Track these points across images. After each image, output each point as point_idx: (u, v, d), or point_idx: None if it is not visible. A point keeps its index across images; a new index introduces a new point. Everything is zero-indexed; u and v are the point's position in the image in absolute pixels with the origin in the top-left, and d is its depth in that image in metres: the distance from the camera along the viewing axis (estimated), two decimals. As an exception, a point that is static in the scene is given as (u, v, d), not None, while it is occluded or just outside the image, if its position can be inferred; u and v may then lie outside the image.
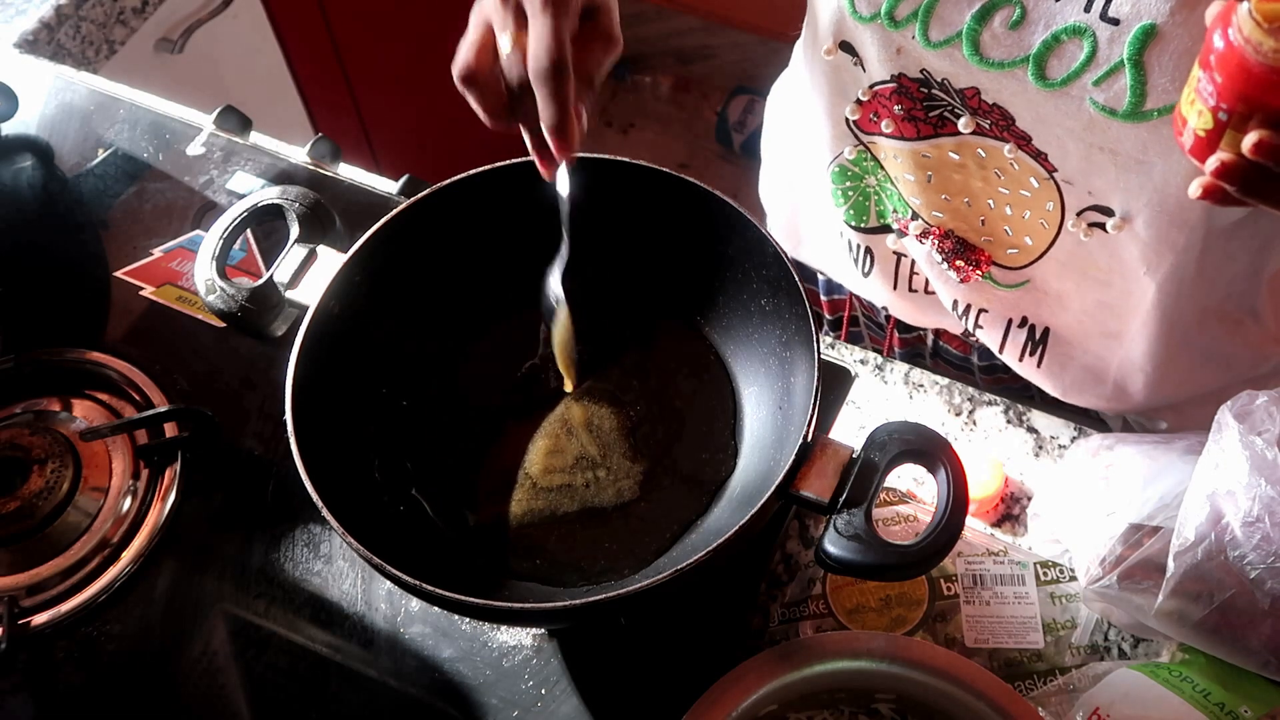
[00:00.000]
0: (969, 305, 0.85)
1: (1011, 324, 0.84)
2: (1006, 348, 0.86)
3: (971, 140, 0.72)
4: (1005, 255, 0.79)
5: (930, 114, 0.73)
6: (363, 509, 0.66)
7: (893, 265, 0.87)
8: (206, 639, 0.74)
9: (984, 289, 0.82)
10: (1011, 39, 0.64)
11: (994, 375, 0.95)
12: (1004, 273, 0.80)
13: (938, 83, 0.70)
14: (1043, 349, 0.84)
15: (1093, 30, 0.61)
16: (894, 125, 0.75)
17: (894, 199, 0.81)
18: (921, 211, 0.80)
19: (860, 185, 0.83)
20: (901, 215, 0.81)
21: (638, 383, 0.76)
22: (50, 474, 0.78)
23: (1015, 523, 0.79)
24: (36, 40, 1.12)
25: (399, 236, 0.72)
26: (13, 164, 0.99)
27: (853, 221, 0.86)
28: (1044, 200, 0.73)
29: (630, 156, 0.72)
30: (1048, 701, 0.69)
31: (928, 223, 0.80)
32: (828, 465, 0.61)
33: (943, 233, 0.80)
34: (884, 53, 0.71)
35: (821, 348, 0.65)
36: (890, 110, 0.75)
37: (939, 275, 0.84)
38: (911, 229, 0.81)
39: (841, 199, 0.85)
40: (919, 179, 0.78)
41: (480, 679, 0.72)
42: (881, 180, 0.81)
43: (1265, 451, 0.63)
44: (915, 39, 0.67)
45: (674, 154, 2.34)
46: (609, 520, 0.71)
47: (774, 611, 0.75)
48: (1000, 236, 0.78)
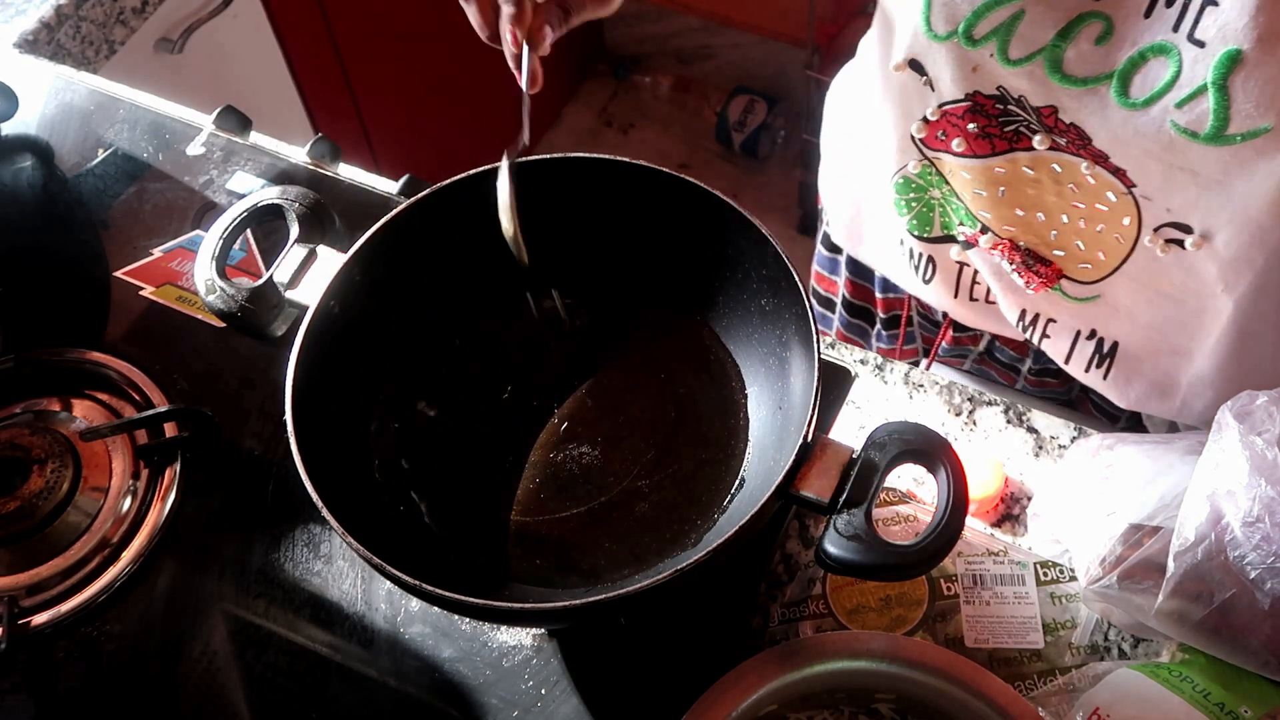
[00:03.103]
0: (1037, 315, 0.84)
1: (1080, 336, 0.83)
2: (1073, 359, 0.85)
3: (1047, 155, 0.71)
4: (1077, 269, 0.78)
5: (1005, 129, 0.72)
6: (363, 509, 0.66)
7: (954, 275, 0.87)
8: (206, 639, 0.74)
9: (1054, 300, 0.81)
10: (1096, 55, 0.63)
11: (1041, 379, 0.94)
12: (1075, 286, 0.79)
13: (1014, 100, 0.69)
14: (1110, 362, 0.83)
15: (1179, 50, 0.60)
16: (965, 144, 0.74)
17: (960, 213, 0.81)
18: (992, 225, 0.79)
19: (924, 197, 0.82)
20: (970, 229, 0.81)
21: (637, 383, 0.76)
22: (50, 474, 0.78)
23: (1015, 523, 0.79)
24: (36, 40, 1.12)
25: (399, 236, 0.72)
26: (13, 164, 0.99)
27: (916, 231, 0.85)
28: (1120, 215, 0.72)
29: (630, 156, 0.73)
30: (1048, 701, 0.69)
31: (998, 236, 0.79)
32: (828, 465, 0.61)
33: (1013, 245, 0.79)
34: (958, 71, 0.70)
35: (821, 348, 0.65)
36: (962, 129, 0.74)
37: (1006, 286, 0.83)
38: (981, 242, 0.80)
39: (905, 209, 0.84)
40: (990, 194, 0.77)
41: (480, 679, 0.72)
42: (946, 194, 0.80)
43: (1265, 451, 0.63)
44: (993, 57, 0.67)
45: (674, 154, 2.34)
46: (609, 520, 0.71)
47: (774, 611, 0.75)
48: (1073, 250, 0.77)
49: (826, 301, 1.09)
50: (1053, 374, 0.93)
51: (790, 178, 2.25)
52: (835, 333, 1.10)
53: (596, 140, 2.38)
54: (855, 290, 1.04)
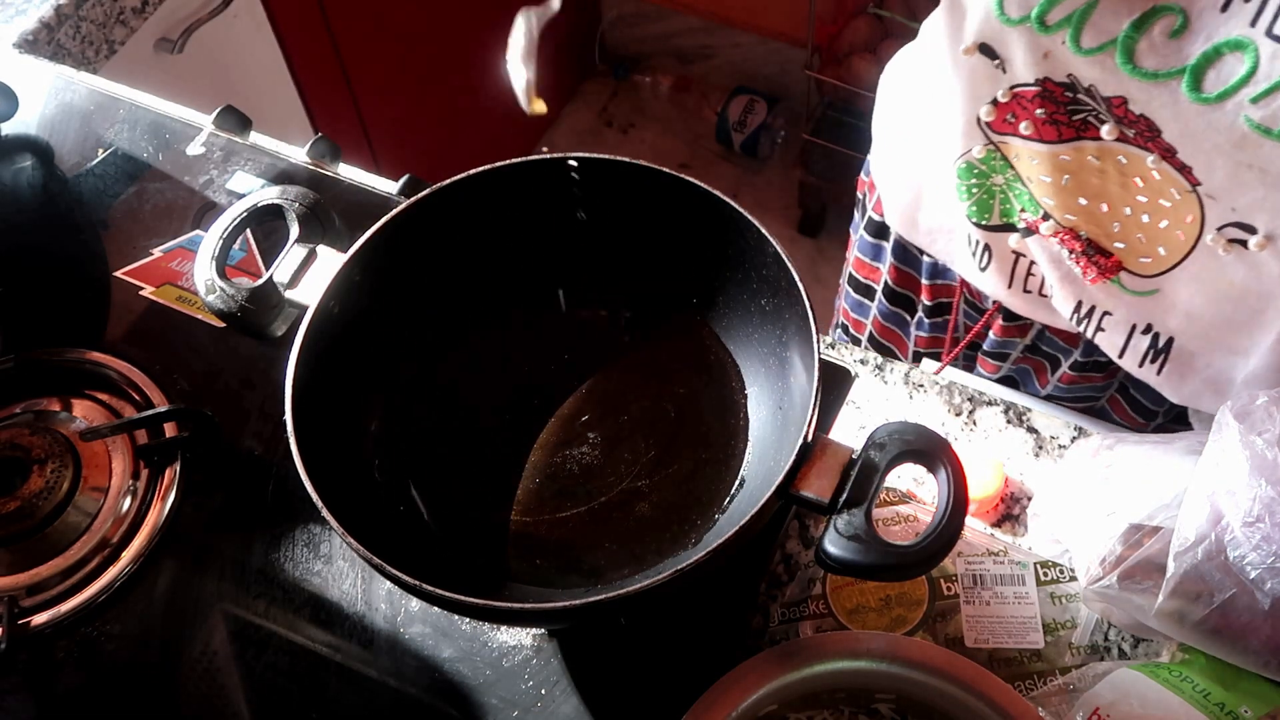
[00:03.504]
0: (1093, 308, 0.83)
1: (1135, 330, 0.82)
2: (1127, 353, 0.84)
3: (1114, 146, 0.71)
4: (1137, 263, 0.78)
5: (1073, 118, 0.72)
6: (363, 509, 0.66)
7: (1010, 265, 0.86)
8: (206, 639, 0.74)
9: (1111, 293, 0.81)
10: (1170, 48, 0.63)
11: (1084, 373, 0.94)
12: (1134, 279, 0.79)
13: (1084, 88, 0.69)
14: (1165, 358, 0.82)
15: (1255, 45, 0.59)
16: (1033, 128, 0.74)
17: (1023, 199, 0.80)
18: (1054, 213, 0.79)
19: (986, 183, 0.82)
20: (1031, 215, 0.80)
21: (637, 383, 0.76)
22: (50, 474, 0.78)
23: (1015, 523, 0.79)
24: (36, 40, 1.12)
25: (399, 236, 0.72)
26: (13, 164, 0.99)
27: (975, 218, 0.85)
28: (1184, 213, 0.71)
29: (630, 156, 0.72)
30: (1048, 701, 0.69)
31: (1060, 224, 0.79)
32: (828, 465, 0.61)
33: (1074, 234, 0.79)
34: (1030, 56, 0.70)
35: (821, 348, 0.65)
36: (1030, 113, 0.74)
37: (1063, 276, 0.83)
38: (1043, 229, 0.80)
39: (966, 195, 0.84)
40: (1055, 181, 0.77)
41: (480, 679, 0.72)
42: (1010, 180, 0.80)
43: (1265, 451, 0.63)
44: (1065, 44, 0.67)
45: (674, 154, 2.34)
46: (609, 520, 0.71)
47: (774, 611, 0.75)
48: (1134, 244, 0.77)
49: (865, 289, 1.08)
50: (1097, 368, 0.92)
51: (790, 178, 2.25)
52: (872, 322, 1.09)
53: (596, 140, 2.38)
54: (899, 277, 1.02)
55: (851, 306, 1.11)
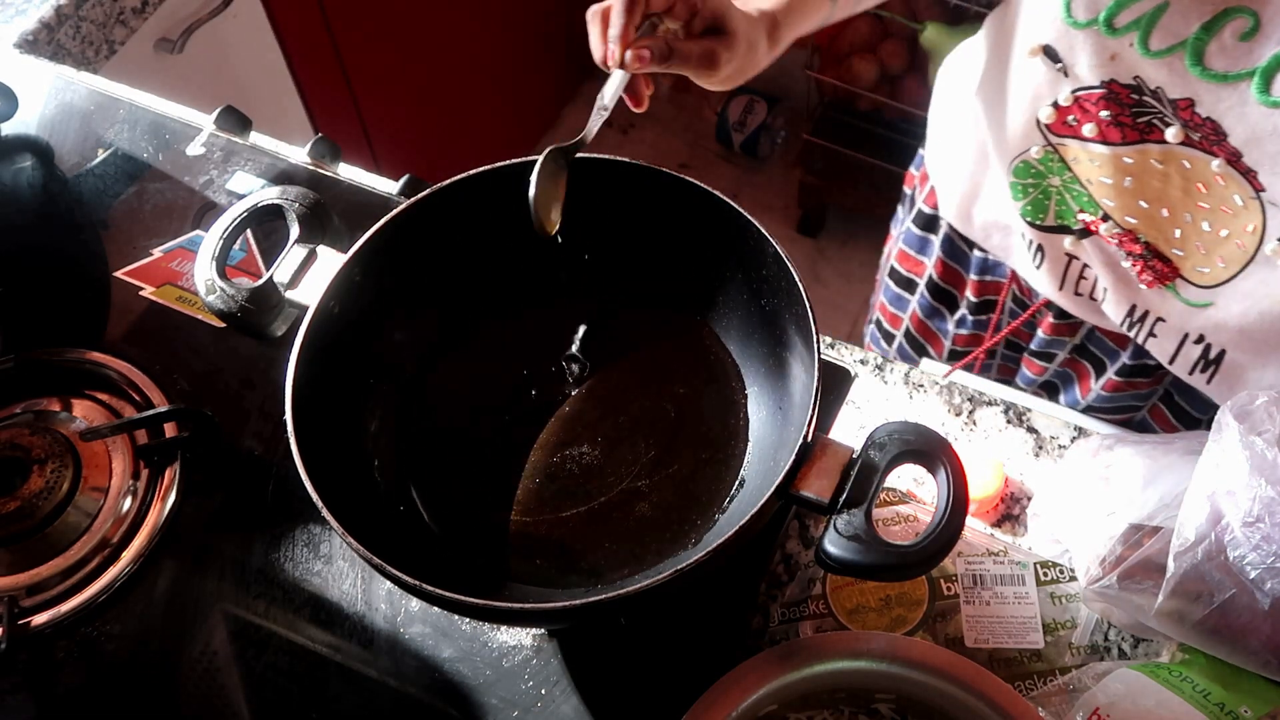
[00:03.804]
0: (1146, 313, 0.83)
1: (1187, 339, 0.82)
2: (1177, 360, 0.84)
3: (1178, 150, 0.71)
4: (1194, 272, 0.77)
5: (1138, 120, 0.72)
6: (363, 509, 0.66)
7: (1063, 266, 0.86)
8: (206, 639, 0.74)
9: (1165, 299, 0.81)
10: (1240, 50, 0.63)
11: (1130, 378, 0.93)
12: (1190, 289, 0.79)
13: (1150, 90, 0.69)
14: (1216, 369, 0.82)
15: None
16: (1097, 130, 0.74)
17: (1082, 200, 0.80)
18: (1115, 214, 0.79)
19: (1042, 184, 0.82)
20: (1090, 215, 0.80)
21: (638, 383, 0.76)
22: (50, 474, 0.78)
23: (1015, 523, 0.79)
24: (36, 40, 1.12)
25: (399, 236, 0.72)
26: (13, 164, 0.99)
27: (1029, 218, 0.85)
28: (1245, 221, 0.71)
29: (630, 156, 0.73)
30: (1048, 701, 0.69)
31: (1119, 226, 0.79)
32: (828, 465, 0.61)
33: (1133, 238, 0.79)
34: (1096, 58, 0.70)
35: (821, 348, 0.65)
36: (1094, 115, 0.74)
37: (1118, 279, 0.83)
38: (1102, 229, 0.80)
39: (1021, 194, 0.84)
40: (1116, 183, 0.77)
41: (480, 679, 0.72)
42: (1067, 181, 0.80)
43: (1265, 451, 0.63)
44: (1133, 46, 0.67)
45: (674, 154, 2.34)
46: (609, 520, 0.71)
47: (774, 611, 0.75)
48: (1193, 252, 0.76)
49: (907, 283, 1.07)
50: (1144, 373, 0.92)
51: (790, 178, 2.25)
52: (910, 316, 1.09)
53: (596, 140, 2.38)
54: (945, 272, 1.02)
55: (890, 300, 1.11)
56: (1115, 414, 0.97)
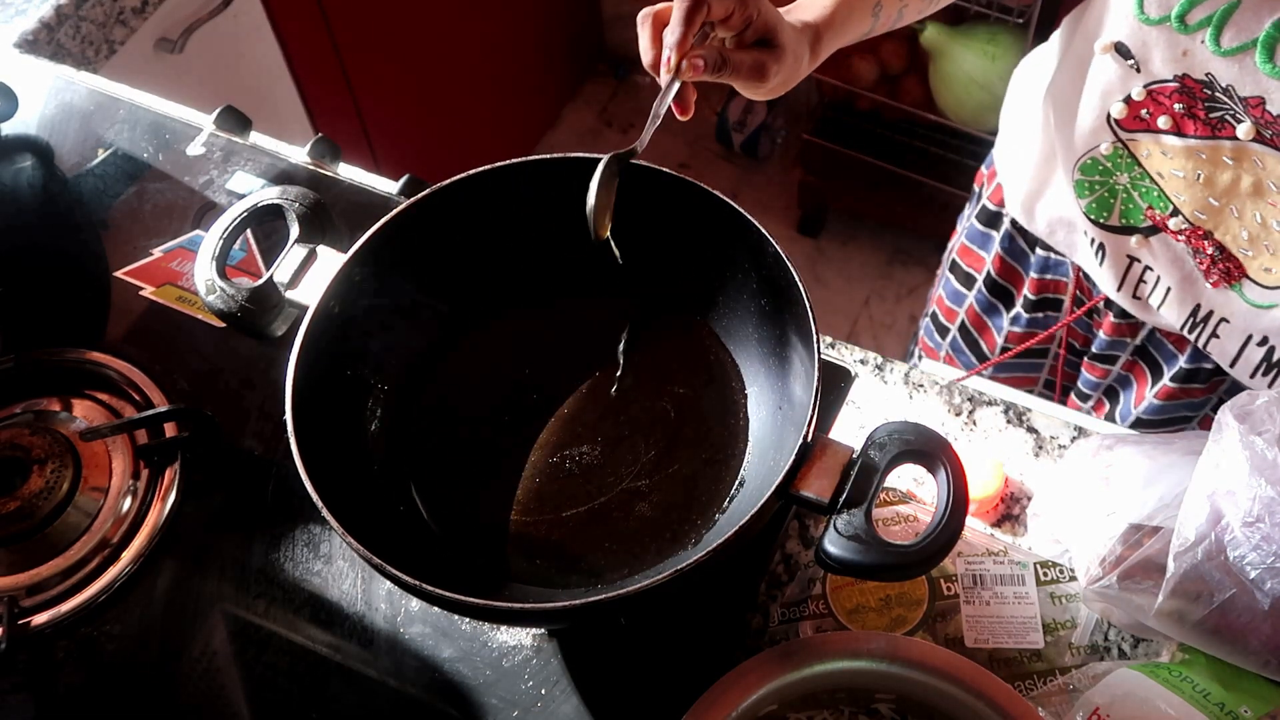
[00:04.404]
0: (1210, 313, 0.83)
1: (1250, 340, 0.82)
2: (1239, 363, 0.84)
3: (1251, 147, 0.72)
4: (1262, 272, 0.77)
5: (1210, 115, 0.72)
6: (363, 509, 0.66)
7: (1124, 267, 0.86)
8: (206, 639, 0.74)
9: (1230, 300, 0.81)
10: None
11: (1186, 384, 0.93)
12: (1255, 289, 0.79)
13: (1221, 88, 0.69)
14: (1278, 373, 0.82)
15: None
16: (1172, 122, 0.74)
17: (1151, 195, 0.80)
18: (1184, 209, 0.79)
19: (1109, 182, 0.82)
20: (1160, 211, 0.80)
21: (638, 383, 0.76)
22: (50, 474, 0.78)
23: (1015, 523, 0.79)
24: (36, 40, 1.12)
25: (399, 236, 0.72)
26: (13, 164, 0.99)
27: (1093, 216, 0.85)
28: None
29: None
30: (1048, 701, 0.69)
31: (1189, 222, 0.79)
32: (828, 465, 0.61)
33: (1202, 233, 0.79)
34: (1169, 54, 0.71)
35: (821, 348, 0.65)
36: (1169, 107, 0.74)
37: (1183, 278, 0.82)
38: (1171, 224, 0.80)
39: (1086, 191, 0.84)
40: (1188, 176, 0.77)
41: (480, 679, 0.72)
42: (1135, 178, 0.80)
43: (1265, 451, 0.63)
44: (1205, 43, 0.67)
45: (674, 154, 2.34)
46: (609, 520, 0.71)
47: (774, 611, 0.75)
48: (1261, 251, 0.76)
49: (967, 277, 1.08)
50: (1201, 378, 0.91)
51: (790, 178, 2.25)
52: (966, 310, 1.09)
53: (596, 140, 2.38)
54: (1002, 268, 1.02)
55: (949, 295, 1.11)
56: (1165, 427, 0.97)
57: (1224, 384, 0.91)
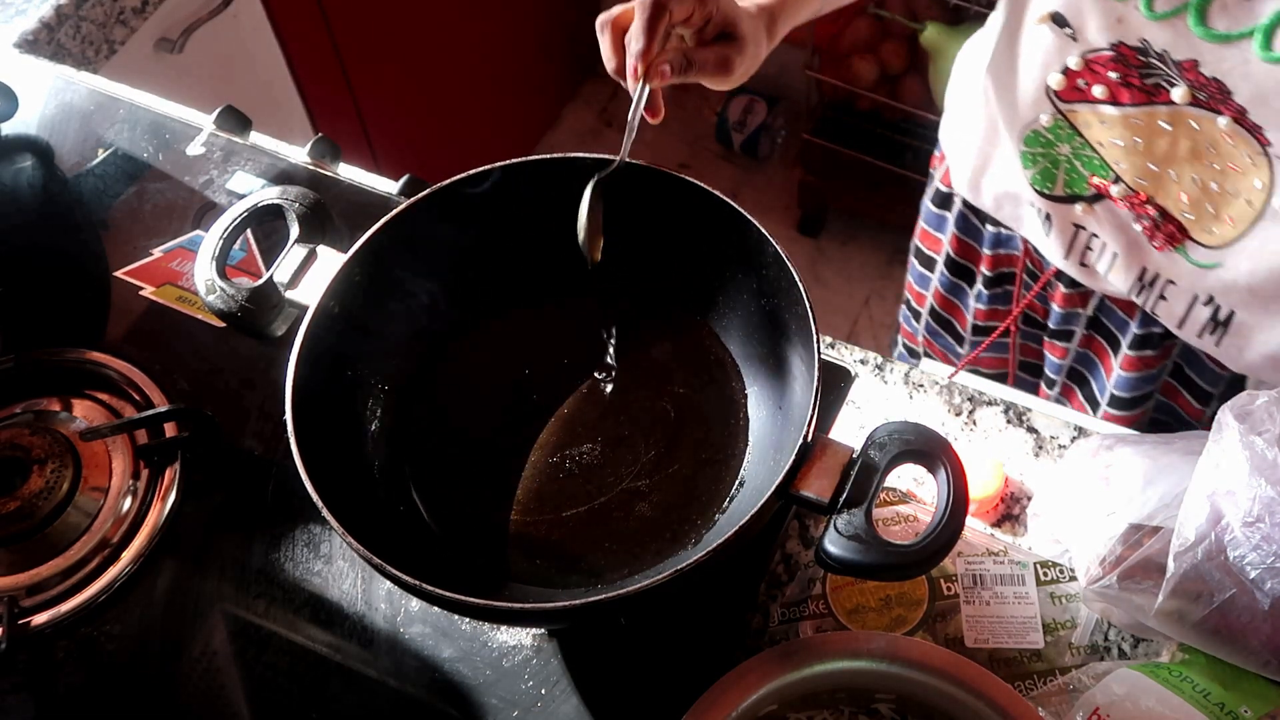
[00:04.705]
0: (1156, 276, 0.84)
1: (1197, 301, 0.83)
2: (1186, 324, 0.85)
3: (1186, 111, 0.73)
4: (1204, 232, 0.79)
5: (1146, 81, 0.73)
6: (363, 509, 0.66)
7: (1070, 236, 0.88)
8: (206, 639, 0.74)
9: (1175, 262, 0.82)
10: (1242, 9, 0.65)
11: (1142, 351, 0.94)
12: (1199, 250, 0.80)
13: (1156, 53, 0.70)
14: (1224, 330, 0.83)
15: None
16: (1108, 91, 0.76)
17: (1093, 164, 0.81)
18: (1125, 176, 0.80)
19: (1051, 153, 0.83)
20: (1102, 179, 0.81)
21: (638, 383, 0.76)
22: (50, 474, 0.78)
23: (1015, 523, 0.79)
24: (36, 40, 1.12)
25: (399, 236, 0.72)
26: (13, 164, 0.99)
27: (1039, 187, 0.86)
28: (1253, 178, 0.73)
29: (630, 157, 0.73)
30: (1048, 701, 0.69)
31: (1131, 188, 0.80)
32: (828, 465, 0.61)
33: (1144, 199, 0.80)
34: (1104, 21, 0.71)
35: (821, 348, 0.65)
36: (1104, 76, 0.75)
37: (1129, 244, 0.84)
38: (1113, 191, 0.81)
39: (1030, 163, 0.86)
40: (1127, 144, 0.78)
41: (480, 679, 0.72)
42: (1077, 148, 0.81)
43: (1265, 451, 0.63)
44: (1139, 9, 0.68)
45: (674, 154, 2.34)
46: (609, 520, 0.71)
47: (774, 611, 0.75)
48: (1202, 213, 0.78)
49: (928, 260, 1.09)
50: (1153, 343, 0.93)
51: (790, 178, 2.25)
52: (933, 294, 1.11)
53: (596, 140, 2.38)
54: (960, 247, 1.04)
55: (915, 279, 1.13)
56: (1135, 406, 0.98)
57: (1175, 348, 0.93)
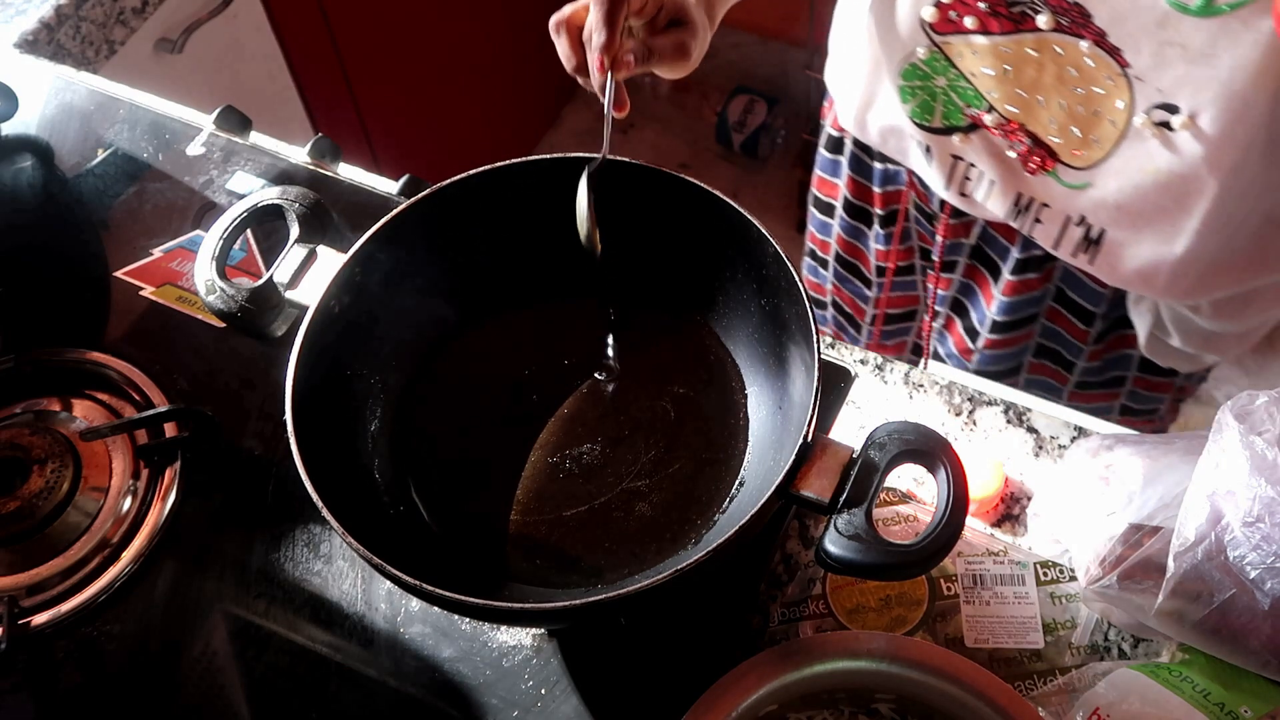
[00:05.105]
0: (1031, 200, 0.87)
1: (1070, 221, 0.86)
2: (1062, 244, 0.88)
3: (1050, 37, 0.75)
4: (1072, 155, 0.82)
5: (1012, 9, 0.76)
6: (363, 509, 0.66)
7: (949, 166, 0.90)
8: (206, 639, 0.74)
9: (1048, 185, 0.85)
10: None
11: (1023, 275, 0.97)
12: (1069, 172, 0.83)
13: None
14: (1097, 248, 0.86)
15: None
16: (978, 21, 0.78)
17: (968, 95, 0.84)
18: (997, 105, 0.83)
19: (929, 85, 0.86)
20: (977, 109, 0.84)
21: (638, 383, 0.76)
22: (50, 474, 0.78)
23: (1015, 523, 0.79)
24: (36, 40, 1.12)
25: (399, 236, 0.72)
26: (13, 164, 0.99)
27: (918, 119, 0.89)
28: (1114, 98, 0.75)
29: (630, 156, 0.73)
30: (1048, 701, 0.69)
31: (1003, 116, 0.83)
32: (828, 465, 0.61)
33: (1016, 126, 0.83)
34: None
35: (821, 348, 0.65)
36: (974, 6, 0.77)
37: (1005, 170, 0.87)
38: (987, 120, 0.84)
39: (909, 96, 0.88)
40: (997, 73, 0.81)
41: (480, 679, 0.72)
42: (953, 79, 0.84)
43: (1265, 451, 0.63)
44: None
45: (674, 154, 2.34)
46: (609, 520, 0.71)
47: (774, 611, 0.75)
48: (1069, 136, 0.80)
49: (827, 207, 1.13)
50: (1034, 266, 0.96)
51: (790, 178, 2.25)
52: (835, 240, 1.14)
53: (596, 140, 2.37)
54: (855, 189, 1.07)
55: (817, 228, 1.17)
56: (1016, 329, 1.02)
57: (1056, 270, 0.96)
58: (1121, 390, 1.05)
